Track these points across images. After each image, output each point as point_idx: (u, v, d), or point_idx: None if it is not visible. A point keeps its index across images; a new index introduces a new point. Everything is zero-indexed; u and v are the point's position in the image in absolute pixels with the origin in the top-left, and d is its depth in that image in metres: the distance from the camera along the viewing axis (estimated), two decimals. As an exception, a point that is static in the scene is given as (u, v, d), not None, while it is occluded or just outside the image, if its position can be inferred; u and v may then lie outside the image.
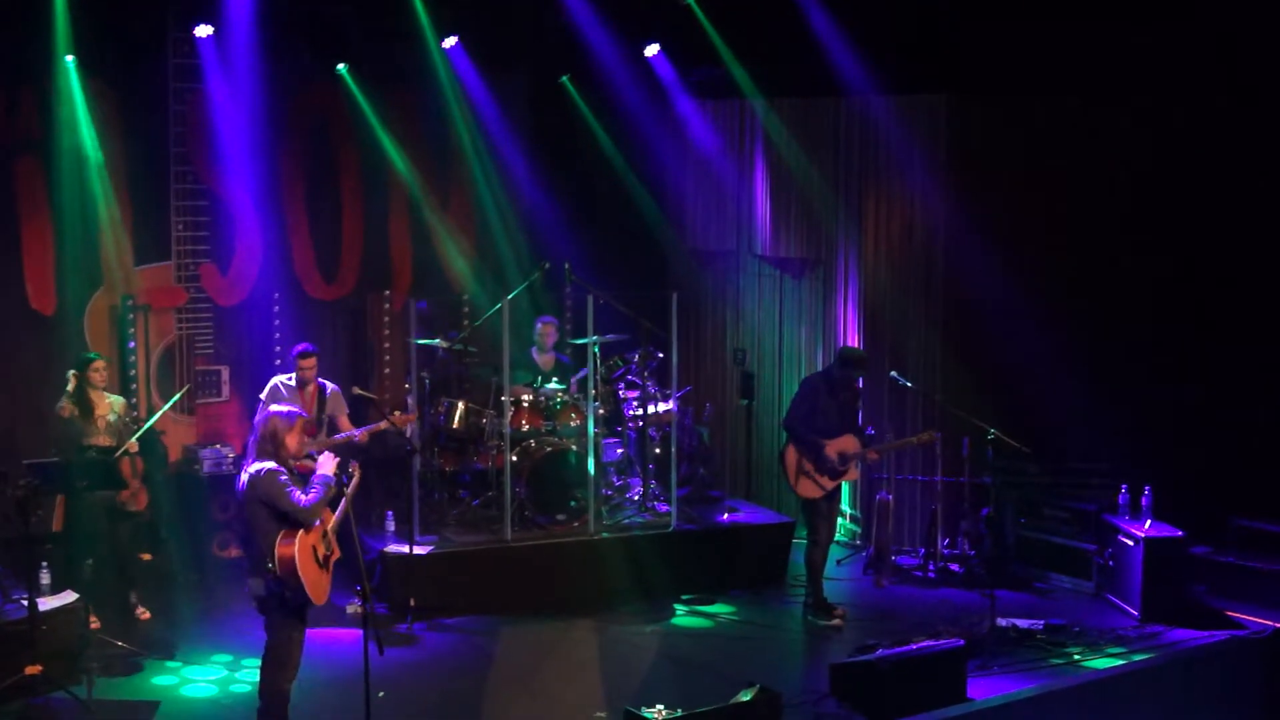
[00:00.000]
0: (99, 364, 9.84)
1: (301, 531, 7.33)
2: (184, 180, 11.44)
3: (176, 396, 10.79)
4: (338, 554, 7.64)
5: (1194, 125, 11.29)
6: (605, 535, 10.88)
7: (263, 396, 10.46)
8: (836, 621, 10.24)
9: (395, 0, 11.58)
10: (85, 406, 9.72)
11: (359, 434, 10.41)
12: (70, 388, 9.72)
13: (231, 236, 11.73)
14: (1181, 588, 10.50)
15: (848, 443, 10.21)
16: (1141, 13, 10.99)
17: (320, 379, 10.50)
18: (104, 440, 9.72)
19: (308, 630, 8.58)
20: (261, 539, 7.37)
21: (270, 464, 7.38)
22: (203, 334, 11.59)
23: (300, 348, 10.41)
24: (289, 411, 7.58)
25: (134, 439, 9.76)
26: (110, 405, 9.89)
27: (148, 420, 10.29)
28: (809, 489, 10.25)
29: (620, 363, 11.59)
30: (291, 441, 7.47)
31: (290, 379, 10.43)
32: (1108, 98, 11.45)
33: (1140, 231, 11.54)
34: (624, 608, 10.47)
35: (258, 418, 7.82)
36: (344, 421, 10.50)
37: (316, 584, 7.40)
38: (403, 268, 12.59)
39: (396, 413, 10.63)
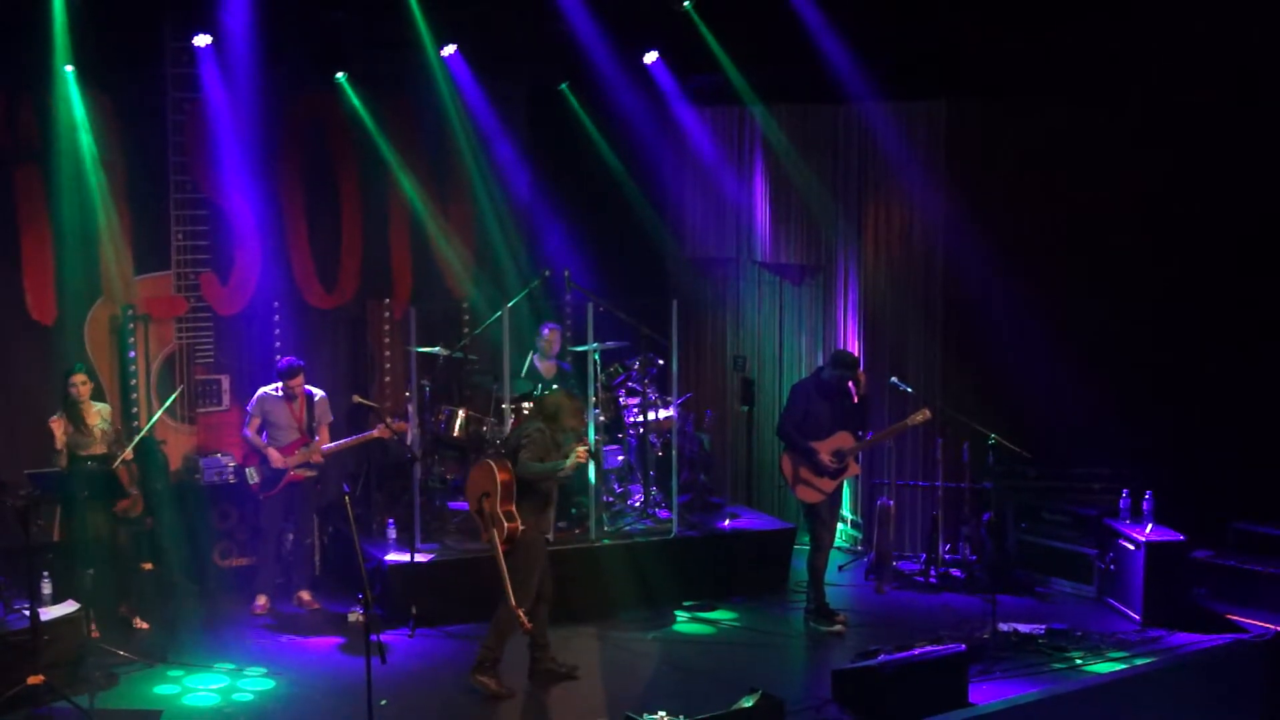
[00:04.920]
0: (77, 377, 9.85)
1: (504, 472, 8.76)
2: (183, 189, 11.42)
3: (170, 400, 10.75)
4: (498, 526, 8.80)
5: (1194, 126, 11.28)
6: (606, 542, 10.87)
7: (250, 409, 10.47)
8: (838, 627, 10.23)
9: (394, 8, 11.57)
10: (76, 418, 9.74)
11: (347, 443, 10.41)
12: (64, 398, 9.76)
13: (231, 246, 11.70)
14: (1183, 592, 10.50)
15: (842, 440, 10.20)
16: (1139, 13, 11.00)
17: (306, 386, 10.49)
18: (99, 449, 9.73)
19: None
20: None
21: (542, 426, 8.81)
22: (203, 343, 11.56)
23: (286, 364, 10.35)
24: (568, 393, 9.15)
25: (129, 447, 9.75)
26: (99, 414, 9.92)
27: (143, 427, 10.27)
28: (809, 494, 10.25)
29: (621, 369, 11.58)
30: (567, 420, 8.81)
31: (276, 389, 10.40)
32: (1107, 100, 11.45)
33: (1140, 234, 11.53)
34: (625, 614, 10.47)
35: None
36: (324, 432, 10.50)
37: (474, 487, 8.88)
38: (402, 276, 12.56)
39: (388, 419, 10.59)
